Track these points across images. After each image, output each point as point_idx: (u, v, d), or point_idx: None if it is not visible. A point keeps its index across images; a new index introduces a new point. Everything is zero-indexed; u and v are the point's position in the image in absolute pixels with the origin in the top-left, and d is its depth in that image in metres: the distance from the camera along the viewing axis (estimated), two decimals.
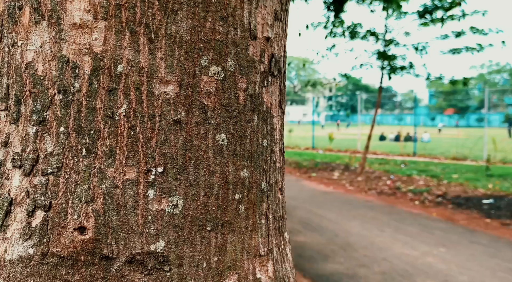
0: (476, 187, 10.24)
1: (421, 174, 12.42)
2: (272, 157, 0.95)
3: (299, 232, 6.75)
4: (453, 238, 6.34)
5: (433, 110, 75.02)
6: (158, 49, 0.78)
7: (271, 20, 0.91)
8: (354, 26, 12.51)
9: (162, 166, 0.79)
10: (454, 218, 7.61)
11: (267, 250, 0.92)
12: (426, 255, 5.60)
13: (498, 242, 6.18)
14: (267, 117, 0.92)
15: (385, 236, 6.49)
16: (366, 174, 12.66)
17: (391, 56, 12.46)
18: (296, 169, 14.39)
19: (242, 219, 0.87)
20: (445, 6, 11.36)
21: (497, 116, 54.43)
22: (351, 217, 7.66)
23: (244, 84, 0.86)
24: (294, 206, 8.61)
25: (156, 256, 0.78)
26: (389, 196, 9.64)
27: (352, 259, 5.50)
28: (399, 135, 27.27)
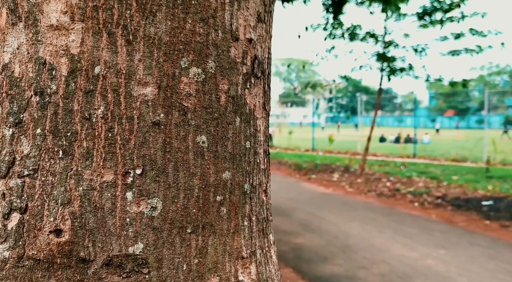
0: (476, 188, 10.22)
1: (421, 176, 12.41)
2: (255, 158, 0.95)
3: (298, 233, 6.74)
4: (452, 240, 6.33)
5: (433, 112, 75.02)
6: (136, 51, 0.77)
7: (253, 21, 0.91)
8: (353, 28, 12.52)
9: (140, 167, 0.78)
10: (453, 219, 7.59)
11: (250, 252, 0.91)
12: (426, 256, 5.59)
13: (497, 243, 6.16)
14: (250, 119, 0.92)
15: (385, 237, 6.48)
16: (365, 176, 12.64)
17: (391, 58, 12.46)
18: (296, 170, 14.39)
19: (223, 221, 0.87)
20: (444, 8, 11.37)
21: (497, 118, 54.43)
22: (351, 219, 7.65)
23: (226, 85, 0.86)
24: (293, 207, 8.60)
25: (134, 259, 0.78)
26: (389, 198, 9.63)
27: (351, 261, 5.49)
28: (399, 137, 27.26)
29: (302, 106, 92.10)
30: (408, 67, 12.42)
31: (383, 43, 12.68)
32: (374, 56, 12.84)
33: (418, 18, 11.99)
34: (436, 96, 73.17)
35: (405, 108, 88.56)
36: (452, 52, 12.18)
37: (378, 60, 12.77)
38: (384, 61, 12.60)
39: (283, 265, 5.37)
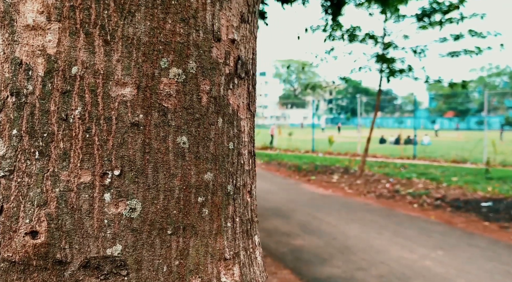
0: (475, 189, 10.21)
1: (421, 177, 12.39)
2: (239, 159, 0.94)
3: (297, 235, 6.72)
4: (451, 241, 6.31)
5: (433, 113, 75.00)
6: (114, 51, 0.77)
7: (237, 22, 0.91)
8: (353, 29, 12.52)
9: (119, 168, 0.78)
10: (452, 221, 7.57)
11: (233, 254, 0.91)
12: (424, 258, 5.57)
13: (496, 245, 6.14)
14: (233, 120, 0.92)
15: (384, 239, 6.46)
16: (365, 177, 12.63)
17: (390, 59, 12.46)
18: (296, 172, 14.38)
19: (205, 222, 0.86)
20: (443, 9, 11.37)
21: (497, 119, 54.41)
22: (350, 220, 7.64)
23: (207, 86, 0.85)
24: (292, 209, 8.59)
25: (112, 260, 0.77)
26: (388, 199, 9.61)
27: (349, 262, 5.47)
28: (399, 138, 27.24)
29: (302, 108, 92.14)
30: (408, 68, 12.42)
31: (383, 45, 12.68)
32: (373, 57, 12.84)
33: (417, 19, 12.00)
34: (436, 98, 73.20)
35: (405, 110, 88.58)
36: (451, 53, 12.18)
37: (377, 61, 12.77)
38: (383, 63, 12.60)
39: (282, 266, 5.36)
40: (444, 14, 11.47)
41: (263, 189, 11.15)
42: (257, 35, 1.01)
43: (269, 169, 15.64)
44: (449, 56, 12.33)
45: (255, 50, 1.01)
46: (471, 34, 11.55)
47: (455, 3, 11.00)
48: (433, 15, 11.74)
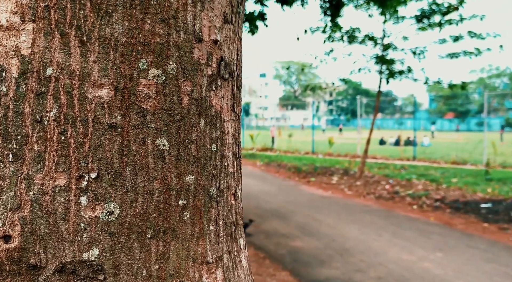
0: (475, 191, 10.19)
1: (421, 178, 12.38)
2: (223, 161, 0.93)
3: (296, 237, 6.71)
4: (450, 243, 6.29)
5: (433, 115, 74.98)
6: (90, 52, 0.76)
7: (219, 23, 0.90)
8: (352, 31, 12.53)
9: (95, 171, 0.77)
10: (451, 222, 7.55)
11: (216, 257, 0.90)
12: (423, 259, 5.55)
13: (495, 246, 6.12)
14: (216, 122, 0.90)
15: (382, 240, 6.44)
16: (365, 179, 12.61)
17: (390, 60, 12.46)
18: (295, 173, 14.37)
19: (187, 225, 0.85)
20: (442, 11, 11.37)
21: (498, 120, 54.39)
22: (349, 222, 7.62)
23: (189, 87, 0.84)
24: (292, 210, 8.57)
25: (89, 265, 0.76)
26: (388, 201, 9.60)
27: (348, 264, 5.45)
28: (399, 139, 27.22)
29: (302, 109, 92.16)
30: (407, 69, 12.42)
31: (382, 46, 12.68)
32: (373, 58, 12.84)
33: (417, 21, 12.01)
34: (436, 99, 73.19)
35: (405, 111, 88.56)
36: (450, 54, 12.18)
37: (377, 62, 12.78)
38: (383, 64, 12.61)
39: (281, 268, 5.34)
40: (443, 15, 11.48)
41: (263, 190, 11.14)
42: (242, 36, 1.00)
43: (268, 170, 15.62)
44: (448, 57, 12.33)
45: (240, 51, 1.00)
46: (471, 35, 11.55)
47: (454, 5, 11.01)
48: (432, 17, 11.75)
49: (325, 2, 8.55)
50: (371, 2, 10.81)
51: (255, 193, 10.66)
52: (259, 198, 10.07)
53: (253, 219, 6.97)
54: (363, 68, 13.26)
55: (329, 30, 12.11)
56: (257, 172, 15.26)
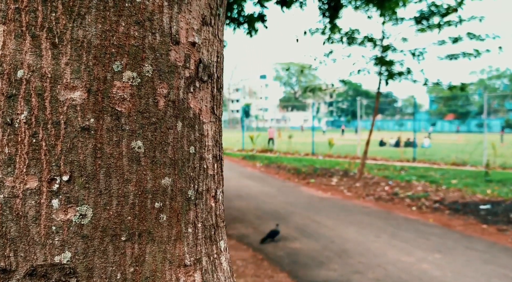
0: (475, 192, 10.19)
1: (420, 180, 12.37)
2: (202, 164, 0.93)
3: (295, 238, 6.71)
4: (449, 244, 6.30)
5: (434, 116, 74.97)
6: (62, 54, 0.76)
7: (197, 25, 0.89)
8: (351, 32, 12.55)
9: (68, 174, 0.76)
10: (450, 223, 7.56)
11: (195, 260, 0.89)
12: (421, 261, 5.56)
13: (494, 248, 6.12)
14: (194, 124, 0.90)
15: (381, 242, 6.45)
16: (364, 180, 12.62)
17: (389, 61, 12.47)
18: (295, 175, 14.36)
19: (163, 228, 0.84)
20: (441, 12, 11.38)
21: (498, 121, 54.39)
22: (348, 223, 7.62)
23: (165, 90, 0.84)
24: (291, 212, 8.58)
25: (61, 268, 0.76)
26: (387, 202, 9.60)
27: (346, 265, 5.46)
28: (399, 141, 27.22)
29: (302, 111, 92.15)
30: (406, 71, 12.44)
31: (381, 47, 12.69)
32: (372, 60, 12.86)
33: (416, 22, 12.02)
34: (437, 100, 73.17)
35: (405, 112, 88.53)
36: (450, 56, 12.19)
37: (376, 64, 12.79)
38: (382, 65, 12.62)
39: (279, 269, 5.35)
40: (442, 17, 11.50)
41: (262, 191, 11.15)
42: (222, 38, 1.00)
43: (268, 171, 15.62)
44: (447, 59, 12.33)
45: (221, 53, 0.99)
46: (470, 37, 11.57)
47: (453, 6, 11.02)
48: (431, 18, 11.76)
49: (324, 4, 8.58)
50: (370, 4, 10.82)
51: (255, 194, 10.67)
52: (258, 199, 10.08)
53: (278, 223, 6.98)
54: (362, 69, 13.27)
55: (328, 32, 12.12)
56: (257, 173, 15.26)
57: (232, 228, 7.35)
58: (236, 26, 9.44)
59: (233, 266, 5.45)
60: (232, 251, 6.07)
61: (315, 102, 32.83)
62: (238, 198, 10.24)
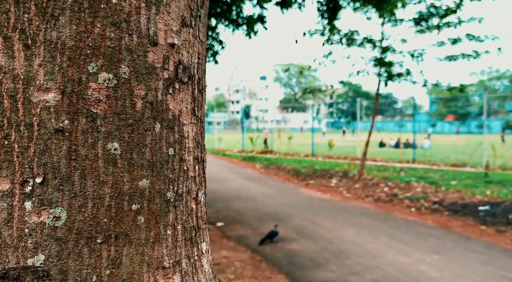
0: (474, 193, 10.18)
1: (420, 181, 12.37)
2: (182, 165, 0.92)
3: (293, 239, 6.70)
4: (447, 245, 6.29)
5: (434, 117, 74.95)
6: (36, 56, 0.75)
7: (177, 26, 0.89)
8: (351, 33, 12.56)
9: (41, 176, 0.76)
10: (449, 225, 7.55)
11: (174, 262, 0.89)
12: (420, 262, 5.55)
13: (492, 249, 6.12)
14: (174, 125, 0.90)
15: (380, 243, 6.44)
16: (364, 181, 12.61)
17: (388, 63, 12.48)
18: (294, 176, 14.36)
19: (141, 230, 0.84)
20: (440, 14, 11.39)
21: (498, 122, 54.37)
22: (346, 224, 7.61)
23: (143, 91, 0.84)
24: (289, 213, 8.57)
25: (34, 271, 0.75)
26: (386, 203, 9.59)
27: (344, 266, 5.45)
28: (399, 142, 27.21)
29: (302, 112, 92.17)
30: (406, 72, 12.44)
31: (381, 49, 12.70)
32: (371, 61, 12.86)
33: (415, 23, 12.03)
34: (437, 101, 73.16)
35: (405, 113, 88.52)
36: (449, 57, 12.19)
37: (375, 65, 12.79)
38: (382, 66, 12.62)
39: (277, 271, 5.34)
40: (441, 18, 11.50)
41: (261, 193, 11.14)
42: (204, 39, 0.99)
43: (268, 173, 15.62)
44: (447, 60, 12.33)
45: (202, 55, 0.99)
46: (469, 38, 11.57)
47: (452, 7, 11.02)
48: (430, 19, 11.77)
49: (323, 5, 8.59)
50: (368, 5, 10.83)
51: (254, 196, 10.67)
52: (257, 200, 10.07)
53: (277, 224, 6.96)
54: (361, 70, 13.27)
55: (327, 33, 12.13)
56: (256, 174, 15.26)
57: (231, 229, 7.35)
58: (235, 28, 9.45)
59: (231, 267, 5.45)
60: (230, 252, 6.07)
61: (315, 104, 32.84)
62: (237, 199, 10.23)
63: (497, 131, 48.90)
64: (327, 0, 8.64)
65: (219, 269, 5.34)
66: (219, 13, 9.18)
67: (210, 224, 7.77)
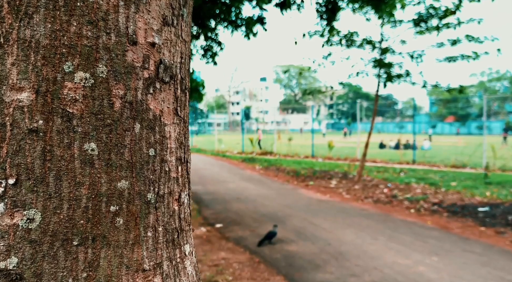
0: (474, 194, 10.16)
1: (420, 182, 12.35)
2: (163, 166, 0.91)
3: (292, 241, 6.69)
4: (446, 247, 6.27)
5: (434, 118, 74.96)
6: (8, 54, 0.74)
7: (157, 25, 0.88)
8: (350, 35, 12.56)
9: (14, 177, 0.75)
10: (448, 226, 7.53)
11: (154, 264, 0.87)
12: (418, 264, 5.54)
13: (491, 250, 6.10)
14: (155, 125, 0.88)
15: (378, 244, 6.42)
16: (363, 182, 12.60)
17: (388, 64, 12.47)
18: (294, 177, 14.35)
19: (120, 232, 0.82)
20: (439, 15, 11.39)
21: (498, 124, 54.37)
22: (346, 226, 7.60)
23: (121, 91, 0.82)
24: (288, 214, 8.56)
25: (7, 274, 0.74)
26: (385, 204, 9.58)
27: (343, 268, 5.44)
28: (399, 143, 27.20)
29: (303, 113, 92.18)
30: (405, 73, 12.43)
31: (380, 50, 12.70)
32: (371, 62, 12.87)
33: (414, 24, 12.02)
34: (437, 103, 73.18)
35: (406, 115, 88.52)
36: (448, 58, 12.18)
37: (375, 66, 12.79)
38: (381, 68, 12.62)
39: (275, 272, 5.33)
40: (440, 19, 11.49)
41: (260, 194, 11.13)
42: (188, 39, 0.98)
43: (267, 174, 15.61)
44: (446, 61, 12.33)
45: (186, 54, 0.98)
46: (468, 39, 11.55)
47: (451, 9, 11.02)
48: (429, 20, 11.76)
49: (322, 6, 8.59)
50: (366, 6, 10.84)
51: (253, 197, 10.65)
52: (256, 201, 10.06)
53: (276, 224, 6.93)
54: (361, 72, 13.27)
55: (327, 34, 12.13)
56: (256, 175, 15.25)
57: (230, 231, 7.34)
58: (234, 29, 9.45)
59: (230, 268, 5.44)
60: (229, 254, 6.05)
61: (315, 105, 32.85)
62: (236, 200, 10.22)
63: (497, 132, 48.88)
64: (326, 1, 8.65)
65: (217, 271, 5.33)
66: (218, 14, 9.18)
67: (209, 225, 7.76)
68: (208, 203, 9.81)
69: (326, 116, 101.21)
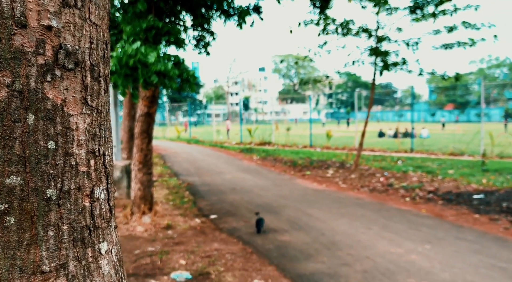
0: (470, 182, 10.14)
1: (417, 170, 12.33)
2: (67, 160, 0.85)
3: (285, 231, 6.68)
4: (439, 235, 6.26)
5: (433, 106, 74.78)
6: None
7: (55, 7, 0.81)
8: (346, 23, 12.43)
9: None
10: (443, 214, 7.52)
11: (57, 265, 0.82)
12: (410, 252, 5.52)
13: (484, 237, 6.08)
14: (55, 116, 0.82)
15: (372, 234, 6.41)
16: (360, 171, 12.57)
17: (384, 52, 12.37)
18: (291, 167, 14.32)
19: (11, 232, 0.77)
20: (435, 1, 11.26)
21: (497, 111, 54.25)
22: (340, 215, 7.59)
23: (8, 78, 0.76)
24: (283, 205, 8.54)
25: None
26: (381, 193, 9.56)
27: (335, 258, 5.43)
28: (397, 131, 27.17)
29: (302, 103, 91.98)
30: (402, 61, 12.34)
31: (376, 38, 12.59)
32: (367, 50, 12.76)
33: (410, 12, 11.89)
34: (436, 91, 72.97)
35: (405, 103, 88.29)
36: (444, 45, 12.07)
37: (371, 54, 12.69)
38: (378, 56, 12.52)
39: (267, 263, 5.32)
40: (436, 6, 11.37)
41: (257, 184, 11.11)
42: (100, 22, 0.91)
43: (264, 164, 15.58)
44: (443, 48, 12.22)
45: (98, 39, 0.91)
46: (465, 26, 11.43)
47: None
48: (426, 7, 11.63)
49: None
50: None
51: (249, 188, 10.64)
52: (252, 192, 10.04)
53: (258, 211, 6.95)
54: (357, 60, 13.17)
55: (322, 23, 12.02)
56: (253, 166, 15.22)
57: (224, 222, 7.33)
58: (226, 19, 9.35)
59: (222, 259, 5.43)
60: (222, 245, 6.04)
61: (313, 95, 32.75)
62: (232, 191, 10.20)
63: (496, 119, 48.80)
64: None
65: (209, 262, 5.31)
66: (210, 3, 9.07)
67: (203, 216, 7.75)
68: (204, 194, 9.79)
69: (326, 105, 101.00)
